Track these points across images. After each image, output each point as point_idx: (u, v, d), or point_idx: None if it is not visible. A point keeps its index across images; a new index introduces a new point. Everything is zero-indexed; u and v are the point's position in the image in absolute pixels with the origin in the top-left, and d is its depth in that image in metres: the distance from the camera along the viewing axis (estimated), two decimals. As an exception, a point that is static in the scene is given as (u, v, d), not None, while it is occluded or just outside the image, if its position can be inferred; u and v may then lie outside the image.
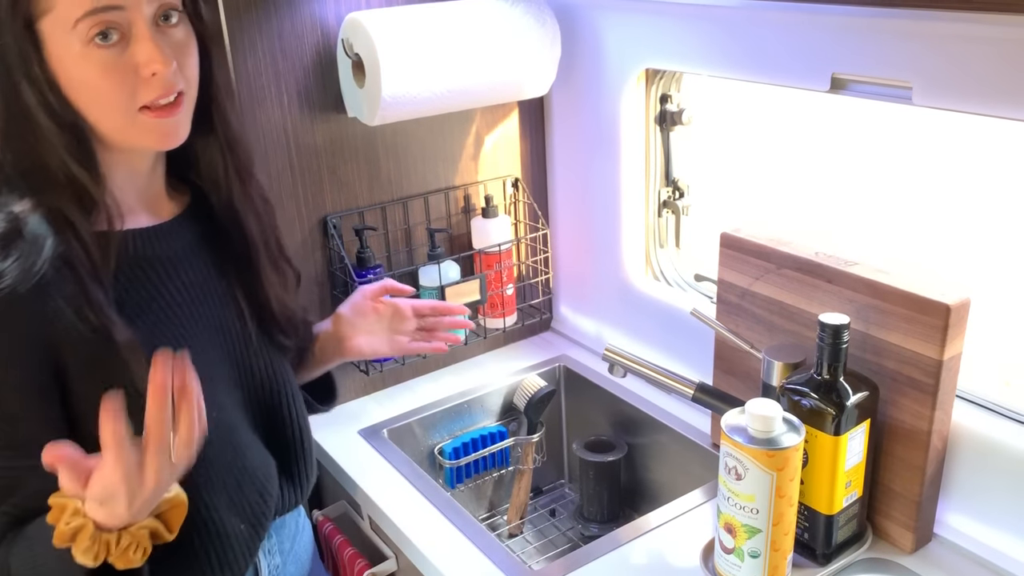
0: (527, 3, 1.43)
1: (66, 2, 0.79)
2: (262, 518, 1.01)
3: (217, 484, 0.94)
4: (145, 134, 0.86)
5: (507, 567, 1.14)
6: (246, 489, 0.98)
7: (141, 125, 0.85)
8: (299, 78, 1.36)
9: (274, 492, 1.04)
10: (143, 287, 0.91)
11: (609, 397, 1.53)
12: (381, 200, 1.50)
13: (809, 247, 1.14)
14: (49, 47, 0.80)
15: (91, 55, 0.80)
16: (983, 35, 0.93)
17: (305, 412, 1.11)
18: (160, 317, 0.92)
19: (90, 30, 0.79)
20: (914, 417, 1.04)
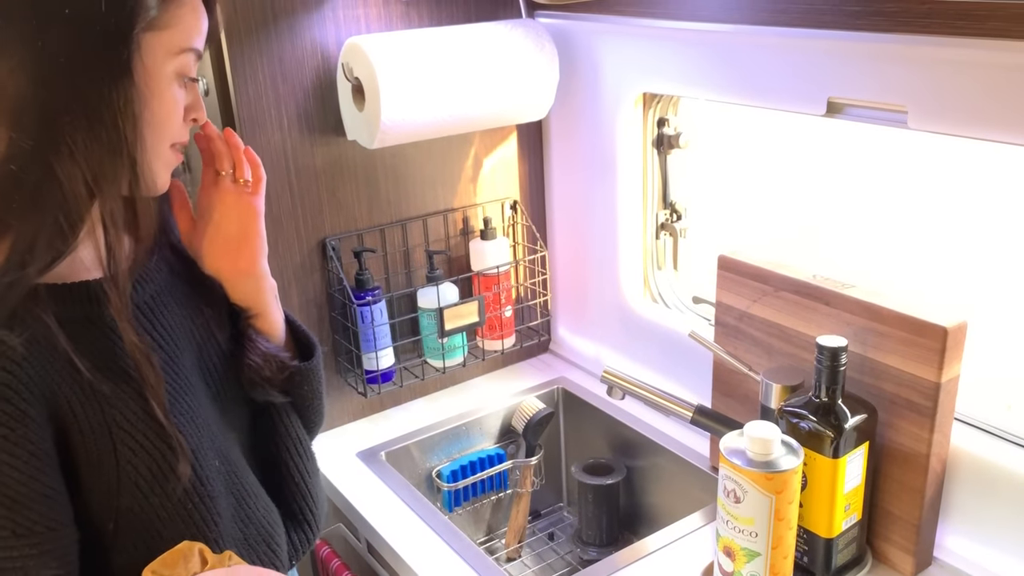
0: (526, 28, 1.44)
1: (184, 30, 0.81)
2: (273, 566, 0.96)
3: (226, 537, 0.89)
4: (164, 169, 0.85)
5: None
6: (252, 540, 0.93)
7: (165, 158, 0.85)
8: (299, 101, 1.37)
9: (282, 541, 0.98)
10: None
11: (608, 420, 1.53)
12: (380, 222, 1.51)
13: (807, 270, 1.15)
14: (146, 59, 0.78)
15: (174, 83, 0.82)
16: (978, 60, 0.94)
17: (309, 452, 1.04)
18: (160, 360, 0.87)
19: (187, 63, 0.82)
20: (913, 440, 1.04)
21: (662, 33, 1.33)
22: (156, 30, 0.78)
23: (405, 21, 1.44)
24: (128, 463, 0.79)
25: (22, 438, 0.73)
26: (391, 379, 1.54)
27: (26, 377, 0.73)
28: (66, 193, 0.76)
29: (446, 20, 1.47)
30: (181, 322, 0.92)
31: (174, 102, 0.82)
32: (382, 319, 1.47)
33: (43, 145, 0.75)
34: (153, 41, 0.79)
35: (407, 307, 1.56)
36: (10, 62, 0.74)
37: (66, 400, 0.76)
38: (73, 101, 0.75)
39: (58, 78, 0.75)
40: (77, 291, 0.81)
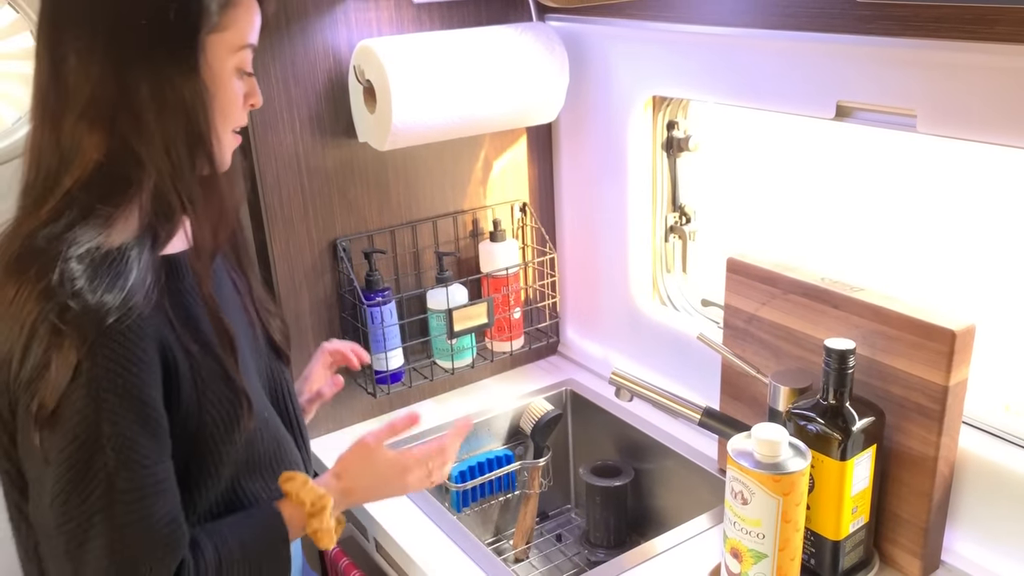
0: (536, 31, 1.45)
1: (241, 28, 0.90)
2: None
3: (267, 481, 1.01)
4: (224, 153, 0.95)
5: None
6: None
7: (228, 142, 0.95)
8: (311, 104, 1.38)
9: None
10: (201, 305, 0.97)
11: (616, 422, 1.53)
12: (390, 224, 1.52)
13: (815, 273, 1.15)
14: (210, 58, 0.88)
15: (233, 77, 0.92)
16: (988, 64, 0.94)
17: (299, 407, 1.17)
18: None
19: (244, 59, 0.92)
20: (920, 443, 1.04)
21: (672, 37, 1.34)
22: (217, 32, 0.88)
23: (416, 24, 1.45)
24: (207, 413, 0.91)
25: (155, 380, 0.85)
26: (400, 380, 1.55)
27: (148, 333, 0.84)
28: (159, 184, 0.87)
29: (457, 23, 1.48)
30: (230, 293, 1.04)
31: (235, 93, 0.92)
32: (392, 320, 1.48)
33: (135, 145, 0.86)
34: (215, 42, 0.88)
35: (416, 308, 1.56)
36: (100, 69, 0.84)
37: (171, 352, 0.87)
38: (155, 101, 0.85)
39: (141, 82, 0.85)
40: (170, 263, 0.91)
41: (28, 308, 0.81)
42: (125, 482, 0.83)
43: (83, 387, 0.80)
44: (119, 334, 0.81)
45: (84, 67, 0.84)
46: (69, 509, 0.82)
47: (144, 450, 0.84)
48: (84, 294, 0.80)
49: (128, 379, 0.82)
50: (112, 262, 0.83)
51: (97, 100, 0.85)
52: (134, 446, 0.83)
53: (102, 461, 0.82)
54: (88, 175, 0.86)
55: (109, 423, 0.81)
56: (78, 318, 0.80)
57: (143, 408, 0.84)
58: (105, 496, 0.82)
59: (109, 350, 0.81)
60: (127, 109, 0.85)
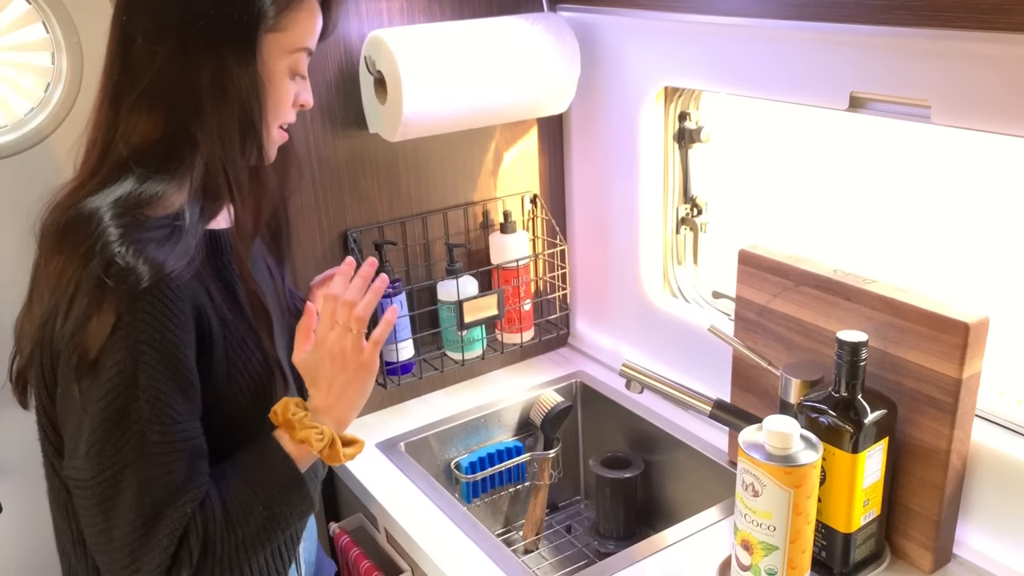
0: (547, 21, 1.44)
1: (298, 32, 0.94)
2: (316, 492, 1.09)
3: None
4: (270, 147, 0.99)
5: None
6: None
7: (274, 136, 0.99)
8: (322, 95, 1.38)
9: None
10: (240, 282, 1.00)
11: (626, 413, 1.53)
12: (401, 215, 1.52)
13: (827, 264, 1.14)
14: (264, 56, 0.92)
15: (286, 76, 0.96)
16: (1002, 54, 0.93)
17: None
18: None
19: (298, 61, 0.96)
20: (933, 436, 1.03)
21: (684, 27, 1.33)
22: (275, 32, 0.92)
23: (427, 15, 1.44)
24: (236, 383, 0.95)
25: (190, 340, 0.89)
26: (411, 371, 1.55)
27: (188, 296, 0.88)
28: (211, 166, 0.92)
29: (468, 14, 1.47)
30: (265, 275, 1.09)
31: (286, 92, 0.96)
32: (402, 311, 1.48)
33: (192, 128, 0.90)
34: (272, 41, 0.92)
35: (427, 300, 1.57)
36: (165, 52, 0.88)
37: (207, 317, 0.91)
38: (214, 88, 0.89)
39: (203, 68, 0.89)
40: (212, 237, 0.97)
41: (75, 267, 0.85)
42: (157, 435, 0.86)
43: (122, 339, 0.84)
44: (160, 292, 0.85)
45: (150, 48, 0.89)
46: (104, 459, 0.85)
47: (177, 406, 0.87)
48: (128, 253, 0.84)
49: (165, 335, 0.86)
50: (159, 228, 0.88)
51: (159, 81, 0.89)
52: (168, 400, 0.86)
53: (137, 412, 0.85)
54: (143, 150, 0.90)
55: (145, 375, 0.85)
56: (121, 273, 0.84)
57: (178, 365, 0.87)
58: (138, 448, 0.85)
59: (149, 305, 0.84)
60: (187, 92, 0.89)
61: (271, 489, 0.92)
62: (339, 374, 0.97)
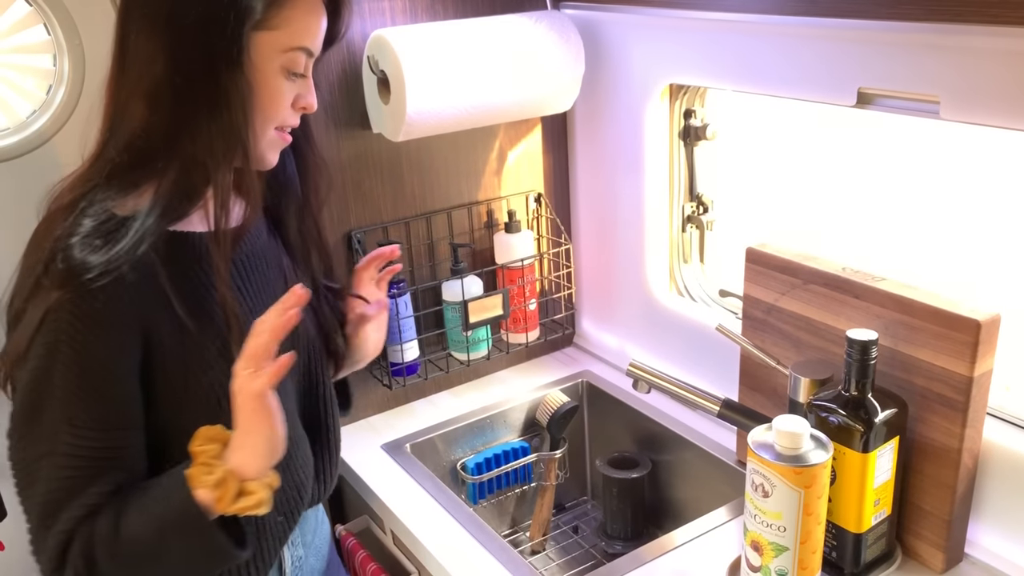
0: (551, 20, 1.43)
1: (293, 31, 0.91)
2: (296, 511, 1.06)
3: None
4: (269, 149, 0.96)
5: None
6: (287, 484, 1.01)
7: (270, 141, 0.96)
8: (325, 95, 1.38)
9: (309, 488, 1.08)
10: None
11: (632, 413, 1.52)
12: (405, 215, 1.51)
13: (836, 262, 1.14)
14: (253, 54, 0.90)
15: (280, 75, 0.92)
16: (1012, 49, 0.92)
17: (338, 413, 1.16)
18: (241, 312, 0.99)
19: (293, 60, 0.92)
20: (944, 435, 1.02)
21: (689, 24, 1.32)
22: (265, 30, 0.89)
23: (430, 14, 1.43)
24: (194, 391, 0.91)
25: (121, 347, 0.86)
26: (416, 372, 1.54)
27: (130, 301, 0.86)
28: (186, 165, 0.89)
29: (471, 12, 1.47)
30: (269, 279, 1.04)
31: (279, 93, 0.93)
32: (407, 312, 1.48)
33: (171, 124, 0.88)
34: (261, 40, 0.89)
35: (432, 300, 1.56)
36: (153, 48, 0.87)
37: (157, 328, 0.88)
38: (198, 87, 0.88)
39: (188, 66, 0.87)
40: (186, 240, 0.93)
41: (32, 259, 0.87)
42: (67, 435, 0.85)
43: (44, 335, 0.84)
44: (89, 293, 0.84)
45: (141, 44, 0.88)
46: (24, 446, 0.87)
47: (90, 412, 0.86)
48: (72, 252, 0.84)
49: (88, 338, 0.84)
50: (112, 227, 0.86)
51: (146, 76, 0.88)
52: (80, 404, 0.85)
53: (51, 410, 0.85)
54: (126, 145, 0.89)
55: (60, 375, 0.84)
56: (57, 273, 0.84)
57: (98, 371, 0.85)
58: (49, 443, 0.86)
59: (75, 307, 0.84)
60: (171, 89, 0.88)
61: (166, 518, 0.86)
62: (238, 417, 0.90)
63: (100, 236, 0.86)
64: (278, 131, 0.96)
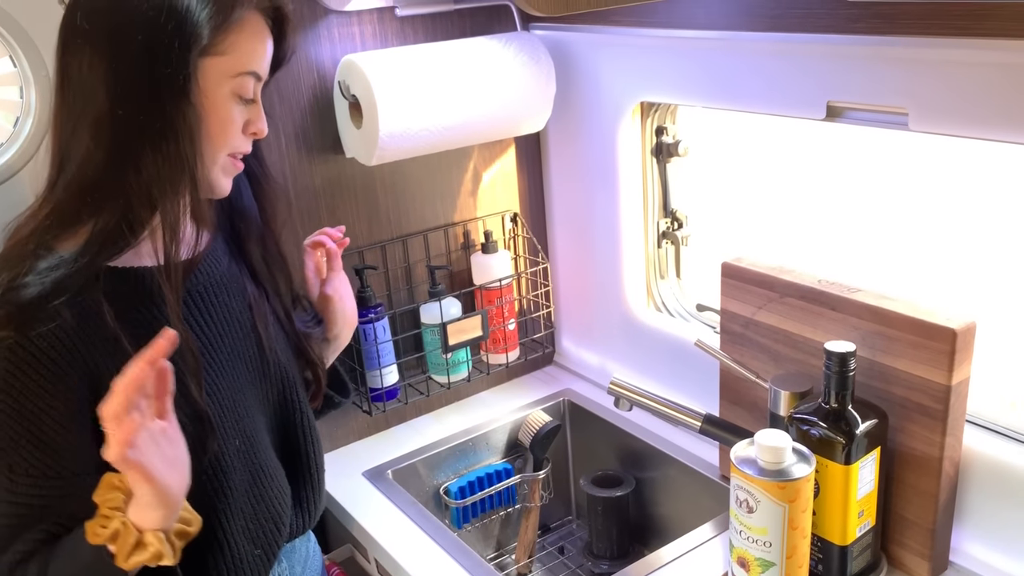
0: (521, 41, 1.44)
1: (240, 56, 0.90)
2: (274, 544, 1.04)
3: (235, 510, 0.97)
4: (222, 176, 0.95)
5: (518, 608, 1.12)
6: (262, 516, 1.01)
7: (222, 167, 0.94)
8: (296, 120, 1.37)
9: (287, 520, 1.06)
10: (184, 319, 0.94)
11: (615, 431, 1.52)
12: (380, 239, 1.50)
13: (811, 275, 1.14)
14: (201, 81, 0.88)
15: (229, 101, 0.91)
16: (978, 60, 0.94)
17: (320, 441, 1.13)
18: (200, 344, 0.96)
19: (243, 85, 0.91)
20: (924, 444, 1.03)
21: (658, 42, 1.33)
22: (211, 56, 0.88)
23: (400, 37, 1.43)
24: None
25: (61, 393, 0.84)
26: (396, 396, 1.53)
27: (71, 345, 0.84)
28: (131, 198, 0.87)
29: (441, 36, 1.47)
30: (231, 309, 1.01)
31: (230, 120, 0.91)
32: (385, 336, 1.47)
33: (116, 157, 0.86)
34: (208, 66, 0.88)
35: (410, 323, 1.55)
36: (94, 81, 0.85)
37: (106, 370, 0.84)
38: (142, 118, 0.85)
39: (130, 97, 0.85)
40: (132, 276, 0.90)
41: None
42: (4, 480, 0.84)
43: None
44: (27, 340, 0.82)
45: (83, 77, 0.86)
46: None
47: (29, 459, 0.84)
48: (13, 295, 0.83)
49: (25, 385, 0.82)
50: (48, 268, 0.85)
51: (88, 111, 0.86)
52: (17, 452, 0.83)
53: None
54: (72, 179, 0.87)
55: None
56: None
57: (35, 419, 0.83)
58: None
59: (12, 352, 0.82)
60: (114, 122, 0.86)
61: (80, 570, 0.83)
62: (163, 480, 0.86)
63: (44, 278, 0.84)
64: (230, 157, 0.94)
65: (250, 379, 1.02)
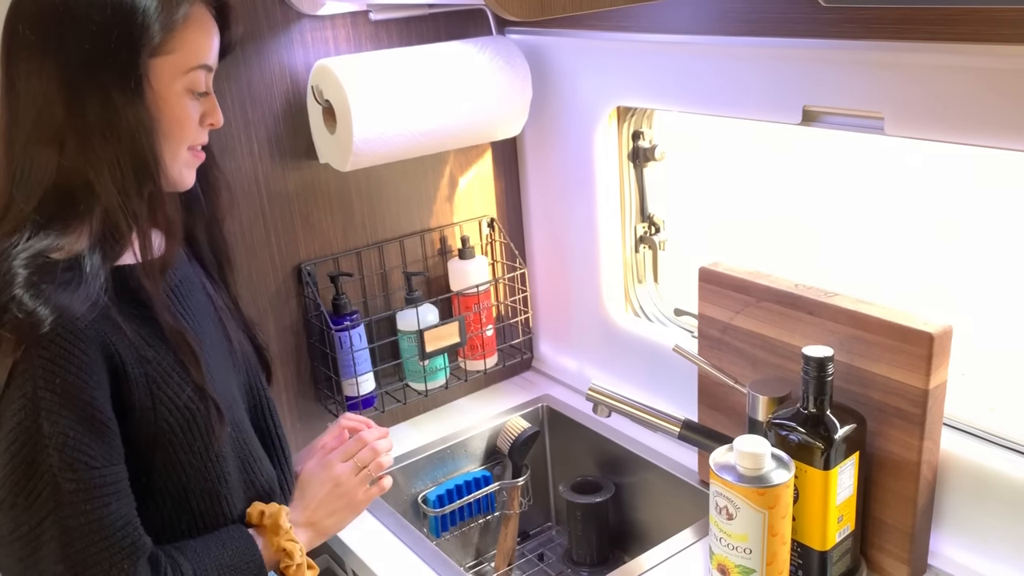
0: (497, 45, 1.43)
1: (190, 51, 0.90)
2: None
3: (235, 495, 1.00)
4: (185, 170, 0.96)
5: (497, 619, 1.11)
6: (259, 496, 1.04)
7: (184, 161, 0.95)
8: (269, 126, 1.35)
9: (279, 502, 1.07)
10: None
11: (594, 436, 1.51)
12: (356, 245, 1.49)
13: (788, 279, 1.14)
14: (153, 81, 0.88)
15: (184, 97, 0.91)
16: (951, 64, 0.94)
17: (282, 423, 1.15)
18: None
19: (195, 80, 0.91)
20: (903, 448, 1.03)
21: (635, 47, 1.32)
22: (161, 55, 0.88)
23: (374, 42, 1.42)
24: (164, 420, 0.91)
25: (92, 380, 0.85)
26: (372, 405, 1.51)
27: (91, 338, 0.85)
28: (106, 205, 0.88)
29: (416, 40, 1.45)
30: (201, 303, 1.03)
31: (186, 115, 0.92)
32: (361, 344, 1.45)
33: (83, 164, 0.87)
34: (160, 65, 0.88)
35: (386, 331, 1.53)
36: (47, 91, 0.85)
37: (120, 358, 0.87)
38: (99, 124, 0.86)
39: (86, 104, 0.86)
40: (123, 273, 0.92)
41: None
42: (71, 483, 0.83)
43: (19, 388, 0.82)
44: (57, 336, 0.82)
45: (32, 89, 0.86)
46: (18, 514, 0.83)
47: (90, 451, 0.84)
48: (25, 300, 0.82)
49: (66, 378, 0.83)
50: (59, 271, 0.85)
51: (44, 122, 0.86)
52: (78, 446, 0.83)
53: (46, 462, 0.82)
54: (41, 196, 0.88)
55: (49, 422, 0.82)
56: (16, 322, 0.81)
57: (85, 408, 0.84)
58: (52, 498, 0.83)
59: (46, 351, 0.82)
60: (73, 131, 0.86)
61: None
62: (332, 501, 1.08)
63: (51, 282, 0.84)
64: (190, 151, 0.96)
65: (228, 370, 1.04)
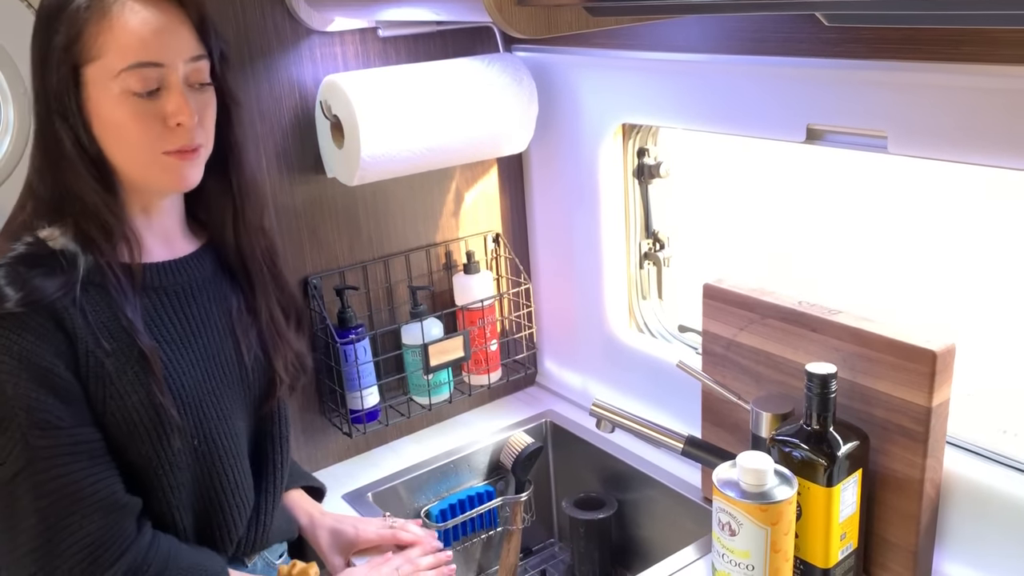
0: (503, 62, 1.44)
1: (113, 54, 0.88)
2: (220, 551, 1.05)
3: (186, 507, 1.00)
4: (164, 174, 0.94)
5: (499, 633, 1.10)
6: (214, 521, 1.04)
7: (162, 165, 0.94)
8: (278, 140, 1.36)
9: (239, 531, 1.07)
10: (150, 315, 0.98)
11: (597, 452, 1.51)
12: (362, 259, 1.50)
13: (792, 296, 1.14)
14: (89, 90, 0.90)
15: (126, 101, 0.90)
16: (954, 84, 0.95)
17: (289, 453, 1.15)
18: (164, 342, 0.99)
19: (129, 80, 0.89)
20: (906, 465, 1.03)
21: (640, 64, 1.33)
22: (90, 62, 0.89)
23: (383, 58, 1.44)
24: (111, 412, 0.92)
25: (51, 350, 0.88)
26: (376, 418, 1.52)
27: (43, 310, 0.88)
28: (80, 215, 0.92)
29: (423, 56, 1.47)
30: (211, 313, 1.04)
31: (129, 119, 0.90)
32: (366, 357, 1.46)
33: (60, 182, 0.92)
34: (91, 73, 0.89)
35: (391, 344, 1.54)
36: (34, 114, 0.91)
37: (74, 333, 0.90)
38: (63, 142, 0.90)
39: (50, 124, 0.90)
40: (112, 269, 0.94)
41: None
42: (40, 439, 0.86)
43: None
44: (17, 309, 0.86)
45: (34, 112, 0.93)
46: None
47: (55, 411, 0.88)
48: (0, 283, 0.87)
49: (23, 344, 0.86)
50: (45, 260, 0.90)
51: (35, 143, 0.94)
52: (42, 406, 0.87)
53: (14, 420, 0.86)
54: (36, 207, 0.94)
55: (11, 384, 0.86)
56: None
57: (45, 373, 0.87)
58: (23, 454, 0.86)
59: (5, 321, 0.86)
60: (49, 151, 0.92)
61: None
62: None
63: (27, 268, 0.88)
64: (170, 155, 0.94)
65: (228, 383, 1.04)
